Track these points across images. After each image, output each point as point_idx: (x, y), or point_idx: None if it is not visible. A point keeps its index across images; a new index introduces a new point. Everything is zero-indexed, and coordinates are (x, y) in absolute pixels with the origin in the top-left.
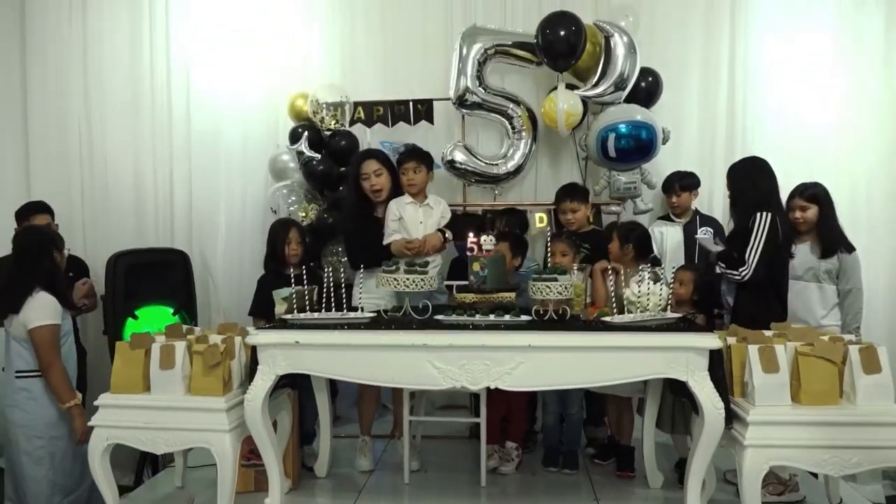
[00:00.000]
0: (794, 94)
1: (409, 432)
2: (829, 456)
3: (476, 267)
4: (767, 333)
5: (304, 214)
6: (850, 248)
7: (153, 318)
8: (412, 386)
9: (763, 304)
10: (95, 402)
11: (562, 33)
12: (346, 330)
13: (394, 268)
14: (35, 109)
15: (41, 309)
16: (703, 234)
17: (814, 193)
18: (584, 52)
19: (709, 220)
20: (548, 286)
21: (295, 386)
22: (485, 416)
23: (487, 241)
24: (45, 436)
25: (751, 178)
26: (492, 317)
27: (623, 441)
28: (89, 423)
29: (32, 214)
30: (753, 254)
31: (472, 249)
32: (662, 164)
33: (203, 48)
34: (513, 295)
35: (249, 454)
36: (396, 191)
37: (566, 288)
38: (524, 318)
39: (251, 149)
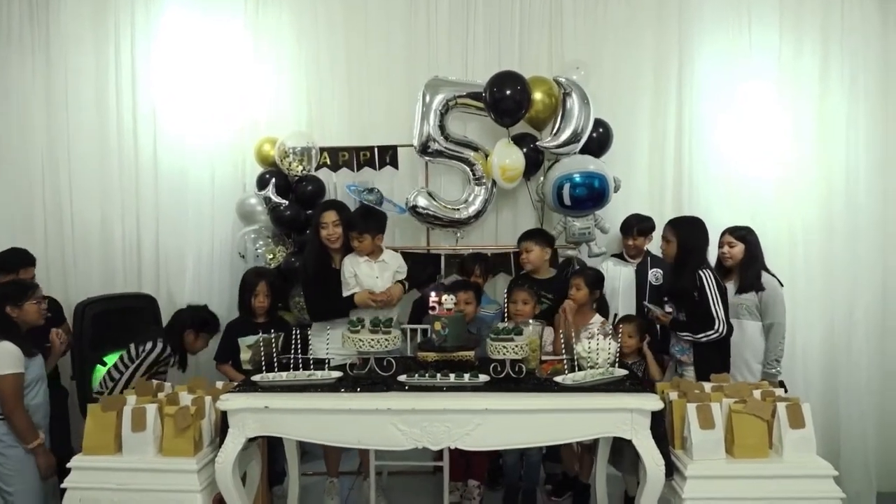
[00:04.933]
0: (738, 143)
1: (374, 474)
2: None
3: (438, 326)
4: (707, 388)
5: (271, 257)
6: (760, 288)
7: None
8: (377, 447)
9: (718, 355)
10: (68, 465)
11: (508, 92)
12: (314, 393)
13: (359, 328)
14: None
15: (1, 359)
16: (652, 304)
17: (742, 233)
18: (536, 106)
19: (659, 262)
20: (504, 346)
21: None
22: (447, 458)
23: (448, 300)
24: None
25: (697, 238)
26: (452, 377)
27: (582, 478)
28: (62, 486)
29: (22, 267)
30: (718, 310)
31: (433, 308)
32: (615, 210)
33: (169, 91)
34: (472, 353)
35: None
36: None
37: (522, 348)
38: (482, 378)
39: (219, 192)
